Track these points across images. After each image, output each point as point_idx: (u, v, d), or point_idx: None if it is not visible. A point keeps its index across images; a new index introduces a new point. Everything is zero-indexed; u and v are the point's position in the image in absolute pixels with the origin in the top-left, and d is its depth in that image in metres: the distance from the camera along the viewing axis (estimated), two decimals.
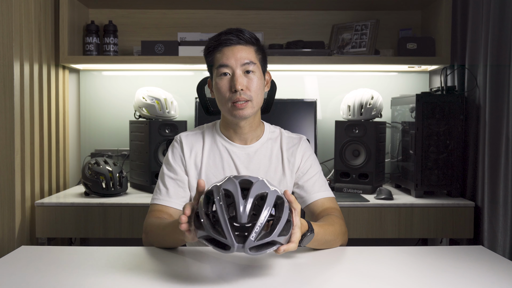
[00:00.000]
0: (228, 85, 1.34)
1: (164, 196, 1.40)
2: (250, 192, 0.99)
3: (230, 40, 1.34)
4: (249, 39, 1.36)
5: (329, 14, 2.64)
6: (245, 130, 1.41)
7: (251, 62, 1.34)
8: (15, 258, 1.21)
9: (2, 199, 1.96)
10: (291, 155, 1.45)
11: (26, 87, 2.07)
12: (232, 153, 1.42)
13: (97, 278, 1.07)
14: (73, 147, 2.61)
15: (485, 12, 2.00)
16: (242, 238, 0.96)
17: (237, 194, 0.98)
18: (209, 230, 0.97)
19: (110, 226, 2.06)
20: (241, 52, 1.34)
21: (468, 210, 2.07)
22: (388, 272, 1.12)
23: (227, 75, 1.34)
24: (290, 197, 1.05)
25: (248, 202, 0.98)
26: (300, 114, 2.46)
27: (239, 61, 1.33)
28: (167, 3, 2.54)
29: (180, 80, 2.66)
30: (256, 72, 1.36)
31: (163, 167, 1.45)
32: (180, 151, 1.44)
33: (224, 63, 1.34)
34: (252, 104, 1.35)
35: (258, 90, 1.36)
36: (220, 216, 0.97)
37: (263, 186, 1.01)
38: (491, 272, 1.12)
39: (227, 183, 1.01)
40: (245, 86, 1.33)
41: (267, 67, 1.45)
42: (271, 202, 0.99)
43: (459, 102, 2.14)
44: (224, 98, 1.35)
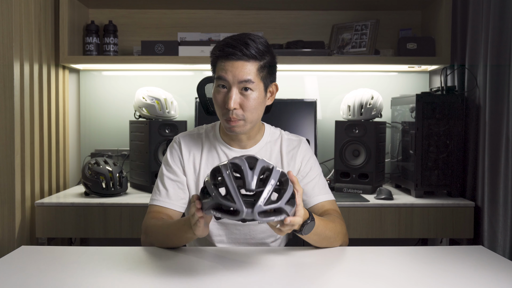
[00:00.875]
0: (223, 99, 1.31)
1: (164, 198, 1.40)
2: (257, 165, 1.03)
3: (232, 54, 1.27)
4: (252, 55, 1.28)
5: (329, 14, 2.64)
6: (243, 138, 1.41)
7: (250, 80, 1.28)
8: (15, 258, 1.21)
9: (2, 199, 1.96)
10: (291, 159, 1.45)
11: (26, 87, 2.07)
12: (230, 157, 1.42)
13: (97, 278, 1.07)
14: (73, 147, 2.61)
15: (485, 12, 2.00)
16: (250, 204, 0.99)
17: (245, 165, 1.02)
18: (217, 197, 1.00)
19: (110, 226, 2.06)
20: (241, 68, 1.28)
21: (468, 210, 2.07)
22: (388, 272, 1.12)
23: (224, 89, 1.31)
24: (293, 178, 1.08)
25: (255, 172, 1.02)
26: (300, 114, 2.46)
27: (236, 78, 1.28)
28: (167, 3, 2.54)
29: (180, 80, 2.66)
30: (255, 90, 1.30)
31: (162, 167, 1.45)
32: (179, 152, 1.44)
33: (222, 76, 1.29)
34: (244, 122, 1.32)
35: (253, 109, 1.31)
36: (228, 183, 1.00)
37: (267, 163, 1.06)
38: (491, 272, 1.12)
39: (233, 159, 1.05)
40: (238, 104, 1.29)
41: (275, 78, 1.40)
42: (276, 176, 1.03)
43: (459, 102, 2.14)
44: (219, 111, 1.34)
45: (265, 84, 1.34)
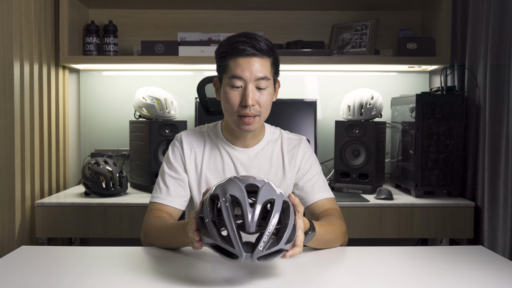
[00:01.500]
0: (238, 98, 1.29)
1: (165, 195, 1.40)
2: (258, 199, 0.97)
3: (247, 50, 1.26)
4: (266, 50, 1.28)
5: (329, 14, 2.64)
6: (248, 137, 1.41)
7: (266, 77, 1.28)
8: (15, 258, 1.21)
9: (2, 199, 1.96)
10: (292, 157, 1.45)
11: (26, 87, 2.07)
12: (233, 156, 1.42)
13: (97, 278, 1.06)
14: (73, 147, 2.61)
15: (485, 12, 2.00)
16: (250, 247, 0.96)
17: (245, 201, 0.97)
18: (216, 238, 0.96)
19: (110, 226, 2.06)
20: (256, 65, 1.27)
21: (468, 210, 2.07)
22: (388, 272, 1.12)
23: (239, 88, 1.29)
24: (294, 201, 1.05)
25: (256, 210, 0.96)
26: (300, 114, 2.46)
27: (253, 75, 1.27)
28: (167, 3, 2.54)
29: (180, 80, 2.66)
30: (268, 87, 1.31)
31: (164, 165, 1.44)
32: (181, 149, 1.43)
33: (238, 74, 1.27)
34: (259, 119, 1.33)
35: (267, 106, 1.33)
36: (228, 225, 0.95)
37: (270, 191, 1.00)
38: (491, 272, 1.12)
39: (233, 187, 0.99)
40: (256, 101, 1.29)
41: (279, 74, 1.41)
42: (278, 208, 0.98)
43: (459, 102, 2.14)
44: (232, 110, 1.31)
45: (274, 80, 1.36)
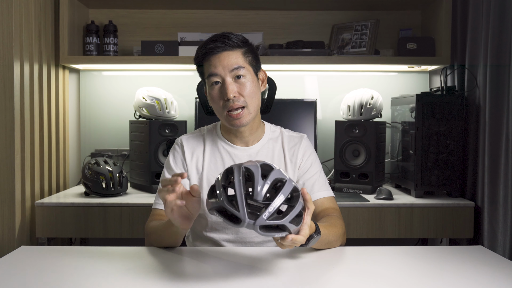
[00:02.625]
0: (219, 93, 1.33)
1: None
2: (270, 175, 1.01)
3: (216, 48, 1.32)
4: (234, 43, 1.33)
5: (329, 14, 2.64)
6: (245, 133, 1.41)
7: (240, 66, 1.32)
8: (15, 258, 1.21)
9: (2, 199, 1.96)
10: (293, 155, 1.45)
11: (26, 87, 2.07)
12: (234, 155, 1.42)
13: (97, 278, 1.07)
14: (73, 147, 2.61)
15: (485, 12, 2.00)
16: (254, 215, 0.98)
17: (258, 173, 1.00)
18: (223, 201, 0.99)
19: (110, 226, 2.06)
20: (228, 58, 1.31)
21: (468, 210, 2.07)
22: (388, 272, 1.12)
23: (218, 84, 1.33)
24: (306, 196, 1.05)
25: (266, 183, 1.00)
26: (300, 114, 2.46)
27: (227, 68, 1.31)
28: (167, 3, 2.54)
29: (180, 80, 2.66)
30: (247, 75, 1.33)
31: (165, 171, 1.44)
32: (181, 154, 1.43)
33: (212, 72, 1.32)
34: (248, 110, 1.34)
35: (252, 94, 1.34)
36: (237, 189, 0.98)
37: (282, 174, 1.03)
38: (491, 272, 1.12)
39: (248, 163, 1.03)
40: (236, 92, 1.31)
41: (261, 66, 1.43)
42: (287, 190, 1.01)
43: (459, 102, 2.14)
44: (219, 107, 1.34)
45: (254, 69, 1.37)
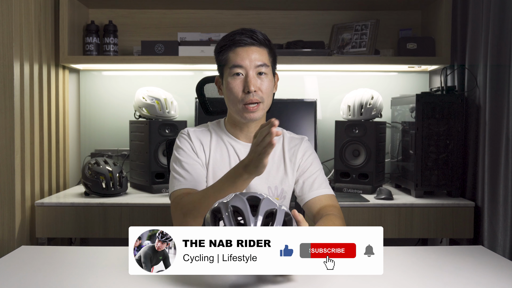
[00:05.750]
0: (241, 86, 1.33)
1: (189, 181, 1.35)
2: (260, 209, 0.99)
3: (244, 40, 1.33)
4: (263, 40, 1.36)
5: (329, 14, 2.64)
6: (251, 129, 1.42)
7: (265, 64, 1.34)
8: (15, 258, 1.21)
9: (2, 199, 1.96)
10: (293, 155, 1.46)
11: (26, 87, 2.07)
12: (238, 150, 1.42)
13: (97, 278, 1.07)
14: (73, 147, 2.61)
15: (485, 12, 2.00)
16: None
17: (247, 210, 0.98)
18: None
19: (110, 226, 2.06)
20: (255, 54, 1.34)
21: (468, 210, 2.07)
22: (388, 272, 1.12)
23: (240, 76, 1.34)
24: (298, 217, 1.05)
25: (258, 219, 0.98)
26: (300, 114, 2.46)
27: (253, 63, 1.33)
28: (167, 3, 2.54)
29: (180, 80, 2.66)
30: (268, 74, 1.36)
31: (177, 156, 1.40)
32: (190, 141, 1.42)
33: (238, 63, 1.33)
34: (263, 106, 1.36)
35: (269, 92, 1.37)
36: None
37: (271, 203, 1.01)
38: (491, 272, 1.12)
39: (234, 199, 1.01)
40: (258, 87, 1.33)
41: (276, 68, 1.45)
42: (280, 220, 0.99)
43: (459, 102, 2.14)
44: (236, 99, 1.34)
45: (273, 70, 1.40)
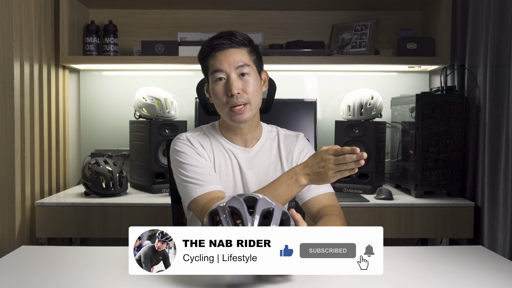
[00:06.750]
0: (224, 89, 1.33)
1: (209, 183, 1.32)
2: (256, 208, 1.00)
3: (222, 44, 1.33)
4: (241, 41, 1.35)
5: (329, 14, 2.64)
6: (245, 131, 1.41)
7: (245, 64, 1.33)
8: (15, 258, 1.21)
9: (2, 199, 1.96)
10: (289, 153, 1.45)
11: (26, 87, 2.07)
12: (237, 155, 1.42)
13: (97, 278, 1.07)
14: (73, 147, 2.61)
15: (485, 12, 2.00)
16: None
17: (244, 210, 0.99)
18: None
19: (110, 226, 2.06)
20: (234, 55, 1.33)
21: (468, 210, 2.07)
22: (388, 272, 1.12)
23: (222, 80, 1.33)
24: (296, 216, 1.06)
25: (255, 218, 0.98)
26: (300, 114, 2.46)
27: (232, 65, 1.32)
28: (167, 3, 2.54)
29: (180, 80, 2.66)
30: (251, 73, 1.35)
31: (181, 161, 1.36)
32: (191, 145, 1.39)
33: (218, 68, 1.33)
34: (250, 106, 1.34)
35: (255, 92, 1.35)
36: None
37: (268, 202, 1.02)
38: (491, 272, 1.12)
39: (231, 201, 1.01)
40: (241, 89, 1.32)
41: (263, 66, 1.44)
42: (277, 219, 1.00)
43: (459, 102, 2.14)
44: (222, 103, 1.34)
45: (258, 69, 1.39)
